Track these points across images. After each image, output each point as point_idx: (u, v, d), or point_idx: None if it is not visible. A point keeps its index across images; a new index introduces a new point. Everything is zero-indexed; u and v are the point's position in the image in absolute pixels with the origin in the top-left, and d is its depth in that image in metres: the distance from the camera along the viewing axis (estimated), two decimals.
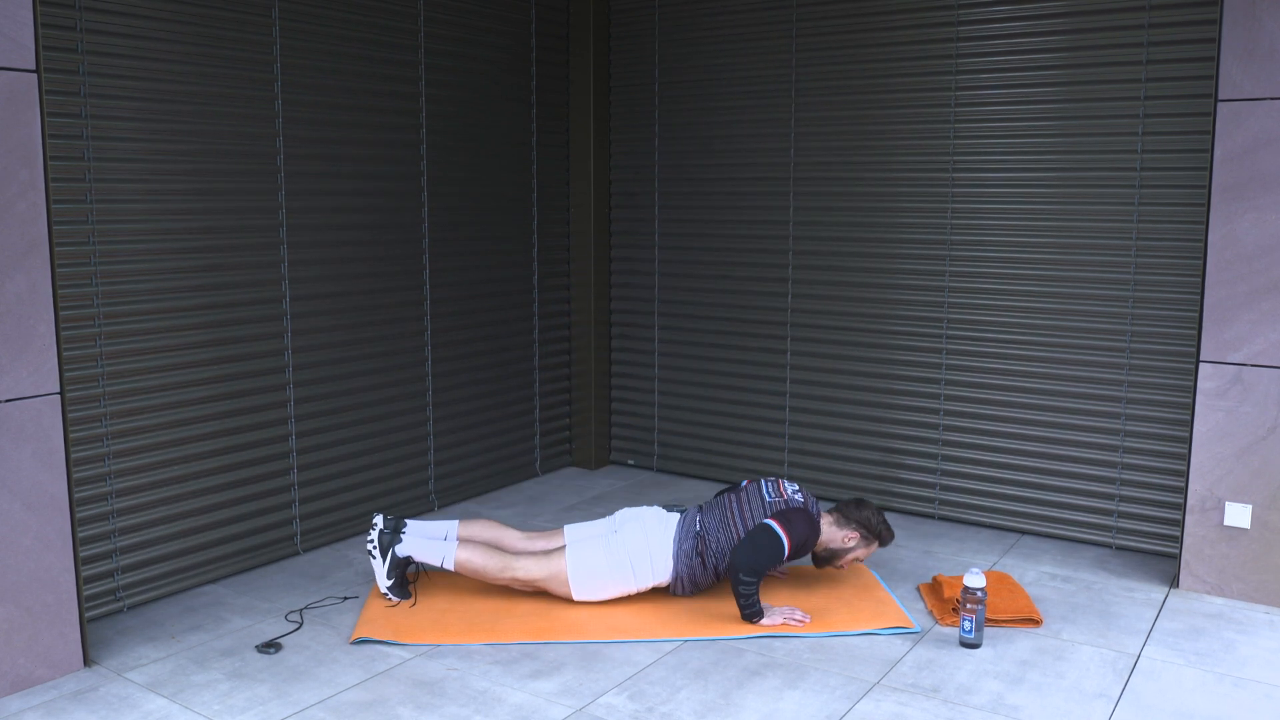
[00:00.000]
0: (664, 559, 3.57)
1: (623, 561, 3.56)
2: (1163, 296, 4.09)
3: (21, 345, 2.96)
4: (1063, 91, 4.20)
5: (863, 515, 3.69)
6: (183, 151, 3.68)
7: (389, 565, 3.56)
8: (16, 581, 3.00)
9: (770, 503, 3.60)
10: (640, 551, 3.57)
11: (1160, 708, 2.98)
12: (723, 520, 3.59)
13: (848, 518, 3.70)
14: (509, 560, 3.58)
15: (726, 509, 3.62)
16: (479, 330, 4.95)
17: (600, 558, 3.56)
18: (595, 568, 3.55)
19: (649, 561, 3.57)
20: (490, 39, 4.86)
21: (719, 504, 3.67)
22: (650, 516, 3.68)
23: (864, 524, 3.69)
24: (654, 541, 3.59)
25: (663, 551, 3.58)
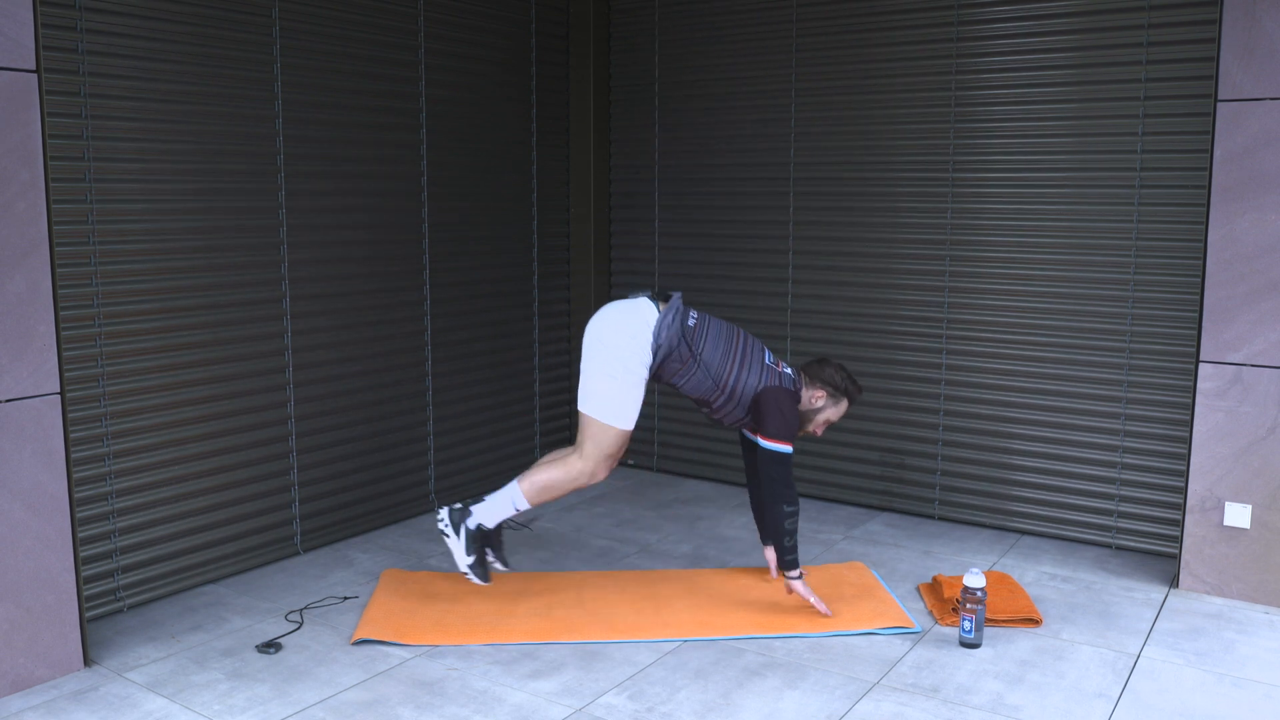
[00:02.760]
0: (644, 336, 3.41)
1: (614, 364, 3.42)
2: (1163, 296, 4.09)
3: (21, 345, 2.96)
4: (1063, 91, 4.20)
5: (826, 374, 3.58)
6: (183, 151, 3.68)
7: (465, 541, 3.49)
8: (16, 581, 3.00)
9: (768, 364, 3.50)
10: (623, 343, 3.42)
11: (1160, 708, 2.98)
12: (724, 348, 3.46)
13: (813, 377, 3.59)
14: (566, 456, 3.51)
15: (731, 340, 3.50)
16: (479, 330, 4.96)
17: (599, 382, 3.45)
18: (609, 395, 3.43)
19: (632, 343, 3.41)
20: (490, 39, 4.86)
21: (722, 327, 3.52)
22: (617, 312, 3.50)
23: (829, 382, 3.58)
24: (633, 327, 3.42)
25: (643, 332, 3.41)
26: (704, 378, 3.47)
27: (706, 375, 3.46)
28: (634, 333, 3.43)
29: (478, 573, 3.53)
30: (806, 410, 3.60)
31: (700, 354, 3.45)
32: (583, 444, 3.50)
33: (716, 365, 3.46)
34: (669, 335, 3.41)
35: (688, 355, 3.44)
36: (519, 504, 3.51)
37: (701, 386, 3.49)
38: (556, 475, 3.49)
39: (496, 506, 3.53)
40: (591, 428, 3.48)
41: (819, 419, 3.63)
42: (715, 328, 3.52)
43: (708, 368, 3.45)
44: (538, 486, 3.50)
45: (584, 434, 3.50)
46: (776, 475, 3.40)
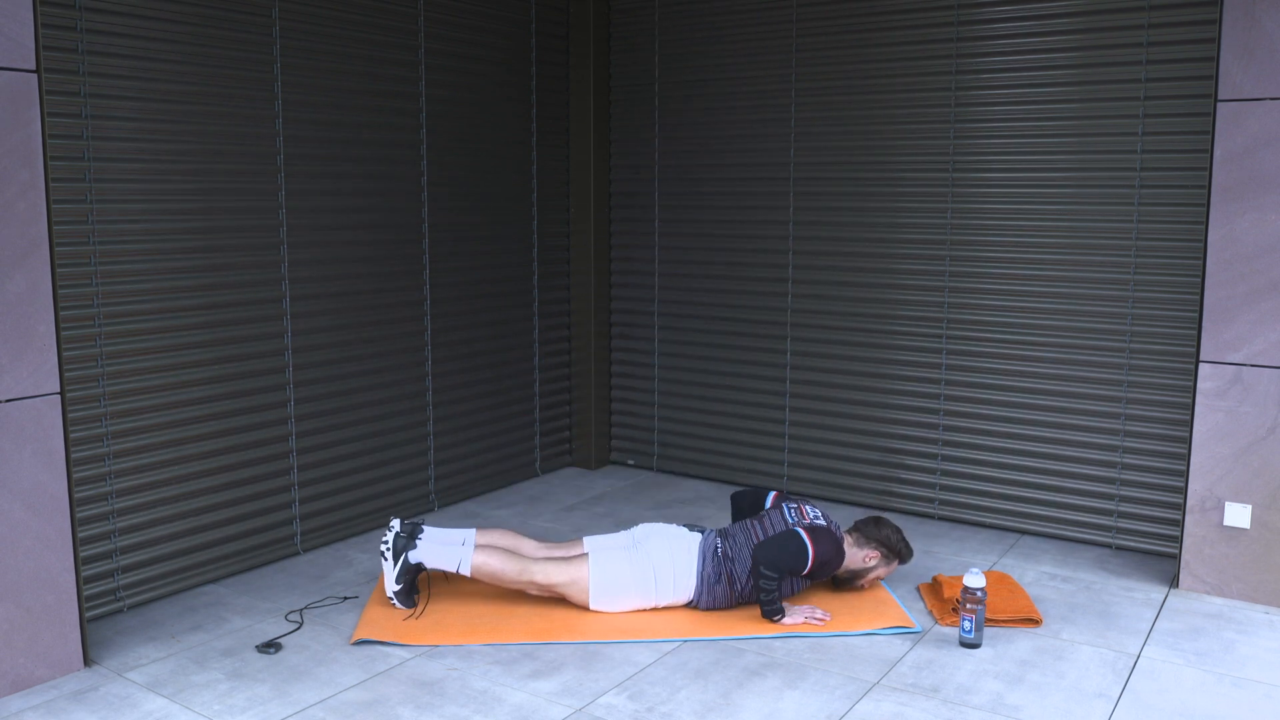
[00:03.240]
0: (687, 577, 3.55)
1: (646, 575, 3.53)
2: (1163, 296, 4.09)
3: (21, 345, 2.96)
4: (1063, 92, 4.20)
5: (882, 534, 3.68)
6: (183, 151, 3.68)
7: (399, 569, 3.51)
8: (16, 581, 3.00)
9: (793, 524, 3.58)
10: (665, 566, 3.55)
11: (1160, 708, 2.98)
12: (747, 544, 3.57)
13: (867, 537, 3.69)
14: (527, 564, 3.54)
15: (750, 533, 3.60)
16: (479, 330, 4.95)
17: (625, 569, 3.54)
18: (619, 578, 3.53)
19: (672, 578, 3.54)
20: (490, 39, 4.86)
21: (742, 529, 3.64)
22: (674, 534, 3.66)
23: (884, 542, 3.68)
24: (679, 559, 3.56)
25: (687, 570, 3.55)
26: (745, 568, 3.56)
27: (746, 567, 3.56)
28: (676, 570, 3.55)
29: (402, 599, 3.55)
30: (859, 568, 3.69)
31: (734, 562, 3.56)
32: (553, 569, 3.53)
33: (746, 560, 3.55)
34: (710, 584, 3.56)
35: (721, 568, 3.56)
36: (462, 570, 3.53)
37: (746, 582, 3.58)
38: (510, 570, 3.53)
39: (441, 557, 3.55)
40: (579, 577, 3.53)
41: (870, 576, 3.72)
42: (734, 539, 3.61)
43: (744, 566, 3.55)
44: (487, 569, 3.52)
45: (568, 567, 3.54)
46: (786, 553, 3.44)
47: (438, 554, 3.54)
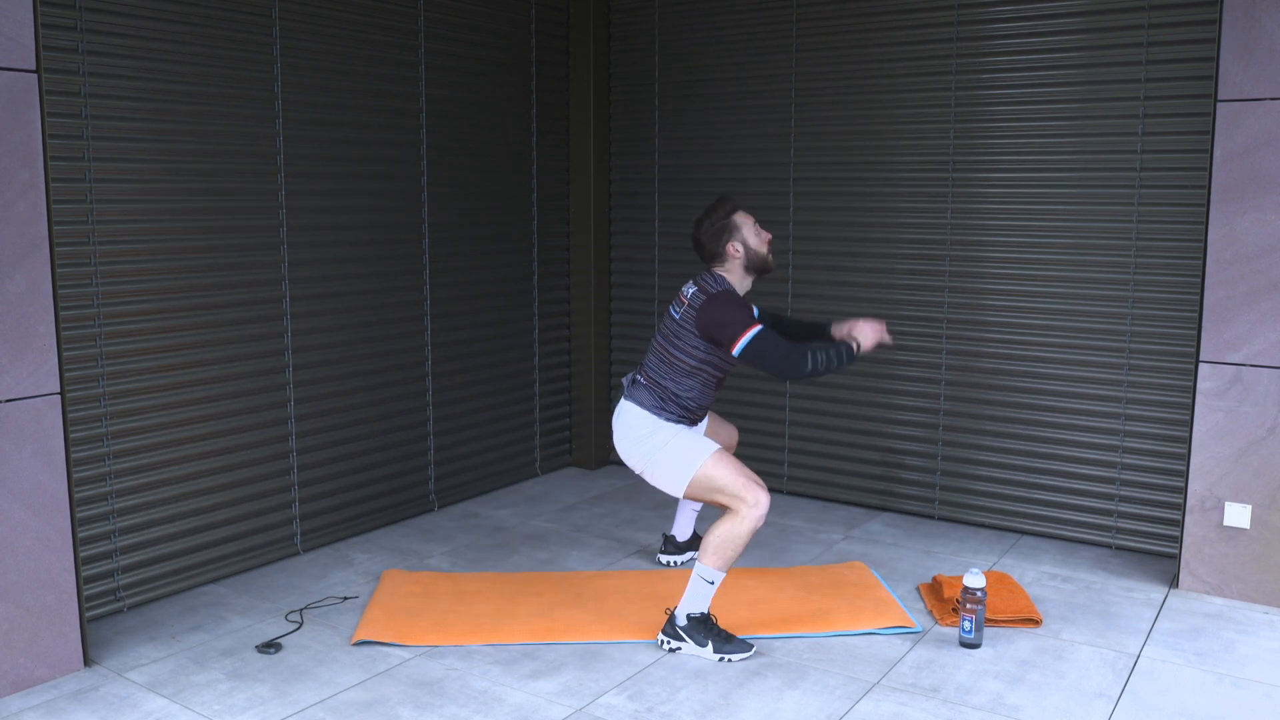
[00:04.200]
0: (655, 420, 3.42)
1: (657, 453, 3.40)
2: (1163, 296, 4.09)
3: (21, 345, 2.96)
4: (1063, 92, 4.20)
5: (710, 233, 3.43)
6: (183, 151, 3.68)
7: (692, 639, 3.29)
8: (16, 581, 3.00)
9: (680, 319, 3.41)
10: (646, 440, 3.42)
11: (1160, 708, 2.98)
12: (660, 357, 3.45)
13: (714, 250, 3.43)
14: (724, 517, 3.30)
15: (658, 346, 3.47)
16: (479, 330, 4.95)
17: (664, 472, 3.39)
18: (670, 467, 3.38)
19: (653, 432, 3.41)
20: (490, 39, 4.86)
21: (652, 346, 3.52)
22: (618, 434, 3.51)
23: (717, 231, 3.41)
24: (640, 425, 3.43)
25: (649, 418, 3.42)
26: (680, 380, 3.43)
27: (679, 378, 3.43)
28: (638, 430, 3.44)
29: (734, 649, 3.27)
30: (744, 254, 3.43)
31: (664, 380, 3.44)
32: (726, 500, 3.31)
33: (668, 368, 3.43)
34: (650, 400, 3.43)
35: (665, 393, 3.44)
36: (709, 577, 3.27)
37: (690, 385, 3.45)
38: (725, 529, 3.25)
39: (696, 595, 3.29)
40: (703, 488, 3.34)
41: (752, 244, 3.43)
42: (649, 355, 3.52)
43: (673, 377, 3.43)
44: (714, 549, 3.25)
45: (715, 497, 3.35)
46: (771, 359, 3.26)
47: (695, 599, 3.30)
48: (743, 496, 3.26)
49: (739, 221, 3.44)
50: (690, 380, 3.44)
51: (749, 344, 3.27)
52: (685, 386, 3.44)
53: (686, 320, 3.40)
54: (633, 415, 3.47)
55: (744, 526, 3.24)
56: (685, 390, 3.45)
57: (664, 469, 3.41)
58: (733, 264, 3.45)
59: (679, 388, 3.44)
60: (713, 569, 3.26)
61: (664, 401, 3.44)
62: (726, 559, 3.26)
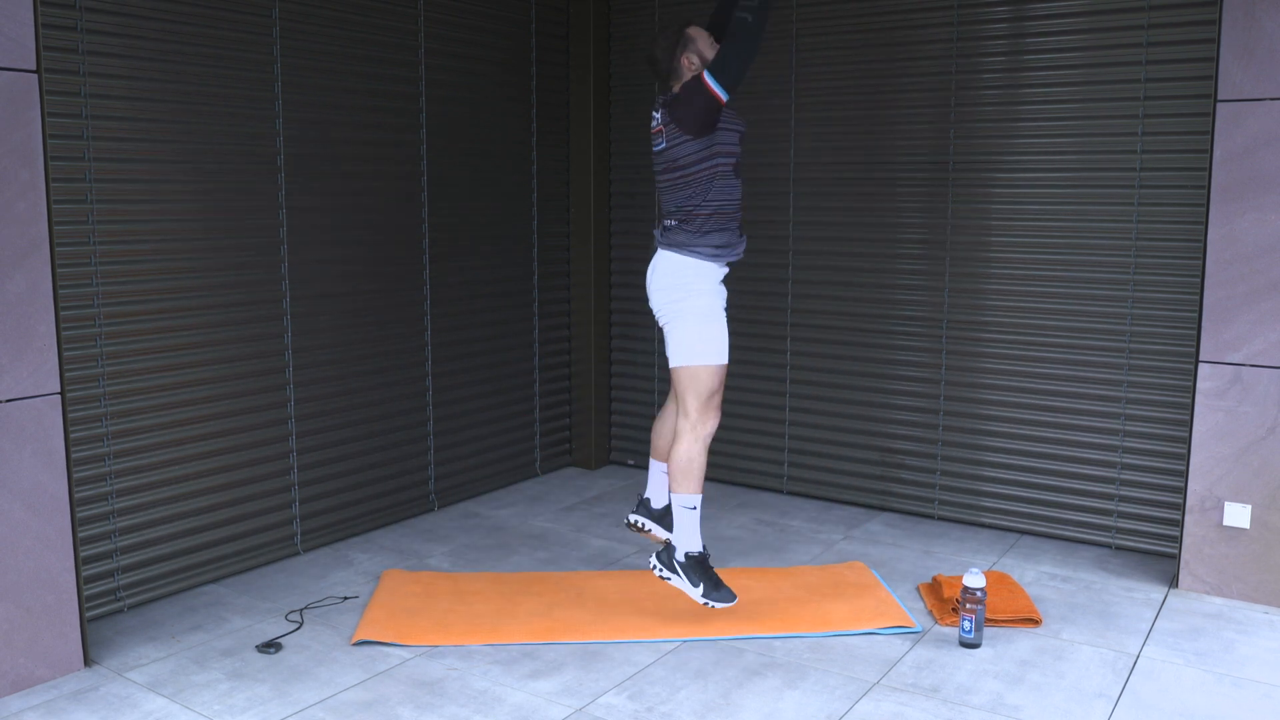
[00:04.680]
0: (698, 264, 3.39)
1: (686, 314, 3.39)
2: (1163, 296, 4.09)
3: (21, 345, 2.96)
4: (1063, 91, 4.20)
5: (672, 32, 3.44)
6: (183, 151, 3.68)
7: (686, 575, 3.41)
8: (16, 581, 3.00)
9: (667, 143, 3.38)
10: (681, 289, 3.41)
11: (1160, 708, 2.98)
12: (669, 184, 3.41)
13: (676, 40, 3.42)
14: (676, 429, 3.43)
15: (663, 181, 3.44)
16: (479, 330, 4.95)
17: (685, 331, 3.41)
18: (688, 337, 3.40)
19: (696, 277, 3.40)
20: (490, 39, 4.86)
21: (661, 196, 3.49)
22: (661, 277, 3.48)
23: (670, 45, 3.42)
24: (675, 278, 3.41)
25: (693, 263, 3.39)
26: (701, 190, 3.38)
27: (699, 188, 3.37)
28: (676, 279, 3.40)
29: (720, 597, 3.40)
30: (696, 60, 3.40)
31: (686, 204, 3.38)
32: (682, 400, 3.41)
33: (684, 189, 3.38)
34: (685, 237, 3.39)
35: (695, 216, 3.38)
36: (689, 504, 3.40)
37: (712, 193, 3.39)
38: (680, 452, 3.38)
39: (683, 527, 3.43)
40: (687, 376, 3.38)
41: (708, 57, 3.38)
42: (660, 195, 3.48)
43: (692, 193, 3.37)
44: (679, 475, 3.38)
45: (683, 391, 3.40)
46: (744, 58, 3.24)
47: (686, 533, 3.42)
48: (696, 416, 3.41)
49: (692, 34, 3.42)
50: (712, 184, 3.37)
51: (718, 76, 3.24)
52: (714, 193, 3.37)
53: (672, 136, 3.36)
54: (670, 263, 3.42)
55: (696, 446, 3.41)
56: (717, 198, 3.37)
57: (684, 333, 3.40)
58: (685, 63, 3.41)
59: (708, 202, 3.36)
60: (687, 494, 3.41)
61: (698, 235, 3.38)
62: (696, 478, 3.41)
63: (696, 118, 3.31)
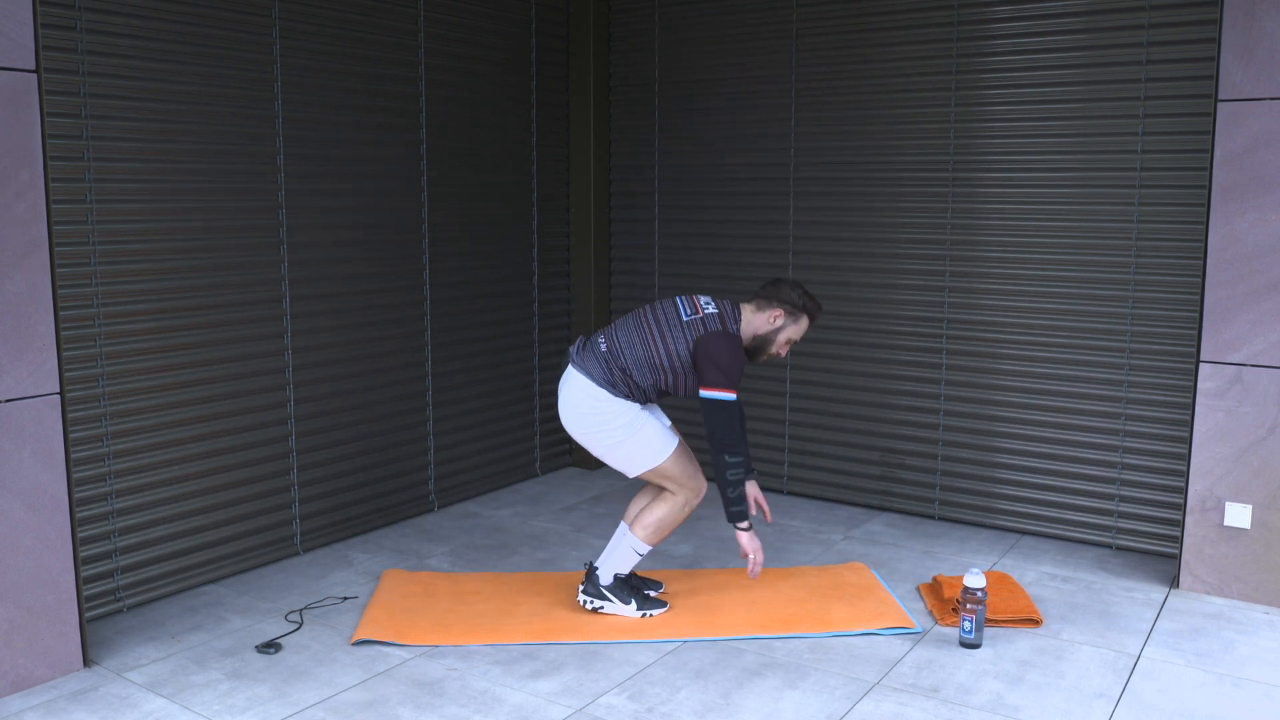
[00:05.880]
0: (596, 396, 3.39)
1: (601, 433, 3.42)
2: (1163, 296, 4.09)
3: (21, 345, 2.96)
4: (1063, 91, 4.20)
5: (783, 293, 3.49)
6: (183, 151, 3.68)
7: (616, 596, 3.53)
8: (16, 581, 3.00)
9: (687, 321, 3.40)
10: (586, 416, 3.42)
11: (1160, 708, 2.98)
12: (640, 338, 3.41)
13: (769, 299, 3.50)
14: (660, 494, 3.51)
15: (643, 327, 3.44)
16: (479, 330, 4.95)
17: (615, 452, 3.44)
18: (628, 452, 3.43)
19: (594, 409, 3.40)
20: (490, 39, 4.86)
21: (633, 322, 3.47)
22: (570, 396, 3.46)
23: (787, 301, 3.48)
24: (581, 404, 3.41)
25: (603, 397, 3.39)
26: (643, 372, 3.41)
27: (643, 369, 3.41)
28: (591, 403, 3.42)
29: (651, 605, 3.56)
30: (769, 331, 3.48)
31: (627, 364, 3.40)
32: (666, 484, 3.50)
33: (641, 354, 3.40)
34: (599, 371, 3.40)
35: (620, 373, 3.41)
36: (641, 551, 3.52)
37: (650, 379, 3.43)
38: (664, 512, 3.50)
39: (618, 559, 3.53)
40: (656, 472, 3.48)
41: (780, 339, 3.50)
42: (623, 327, 3.48)
43: (639, 364, 3.40)
44: (651, 528, 3.49)
45: (659, 480, 3.50)
46: (718, 424, 3.33)
47: (613, 559, 3.53)
48: (688, 486, 3.50)
49: (798, 318, 3.51)
50: (650, 375, 3.42)
51: (715, 400, 3.34)
52: (642, 376, 3.41)
53: (692, 328, 3.40)
54: (584, 389, 3.42)
55: (684, 512, 3.51)
56: (640, 379, 3.42)
57: (627, 453, 3.44)
58: (759, 320, 3.49)
59: (637, 374, 3.41)
60: (646, 544, 3.51)
61: (614, 378, 3.40)
62: (660, 537, 3.52)
63: (699, 357, 3.37)
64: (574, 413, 3.46)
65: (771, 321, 3.48)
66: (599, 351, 3.44)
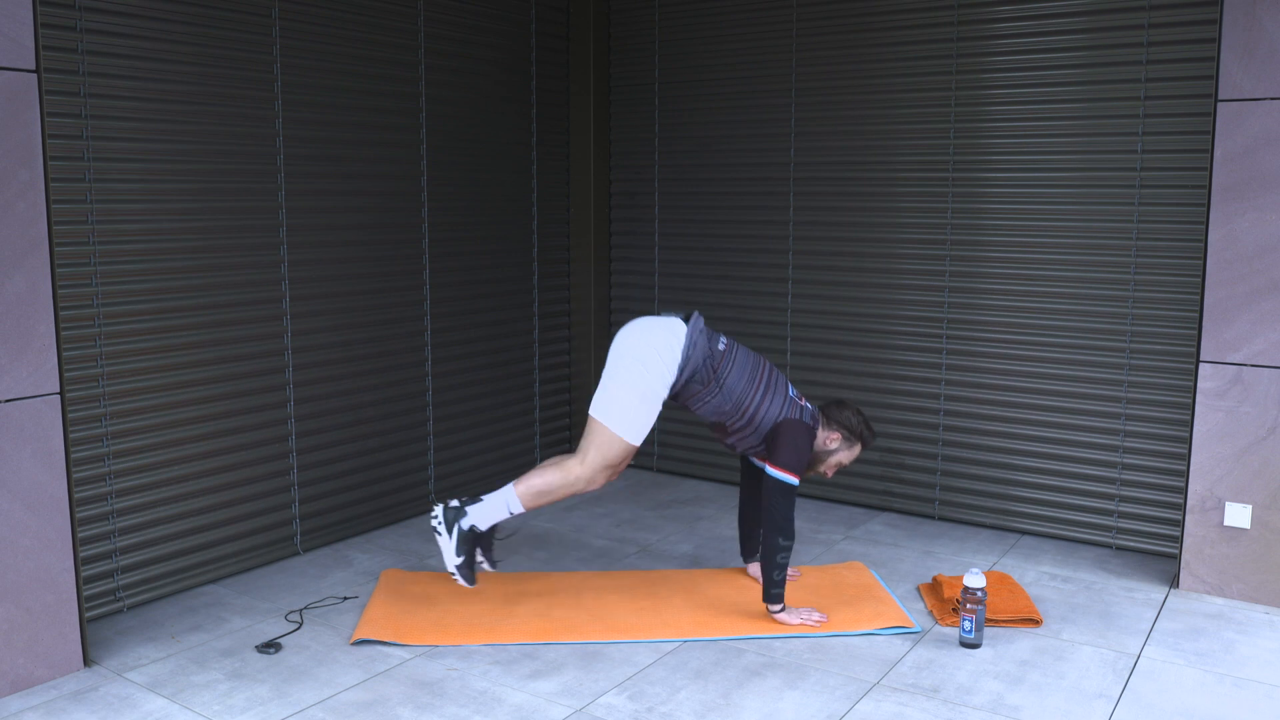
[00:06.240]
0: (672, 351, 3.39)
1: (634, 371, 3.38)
2: (1163, 296, 4.09)
3: (21, 345, 2.96)
4: (1063, 91, 4.20)
5: (843, 416, 3.58)
6: (183, 151, 3.68)
7: (456, 541, 3.42)
8: (16, 581, 3.00)
9: (792, 397, 3.51)
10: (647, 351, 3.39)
11: (1160, 708, 2.98)
12: (749, 375, 3.46)
13: (829, 419, 3.59)
14: (564, 462, 3.43)
15: (758, 368, 3.49)
16: (479, 330, 4.95)
17: (616, 389, 3.40)
18: (619, 399, 3.39)
19: (658, 356, 3.38)
20: (490, 39, 4.86)
21: (752, 358, 3.52)
22: (647, 325, 3.48)
23: (845, 425, 3.57)
24: (658, 341, 3.40)
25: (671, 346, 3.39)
26: (723, 401, 3.45)
27: (727, 399, 3.45)
28: (662, 347, 3.40)
29: (464, 574, 3.46)
30: (820, 451, 3.59)
31: (724, 379, 3.43)
32: (586, 450, 3.42)
33: (740, 391, 3.45)
34: (697, 354, 3.41)
35: (710, 378, 3.43)
36: (513, 507, 3.44)
37: (721, 410, 3.47)
38: (553, 480, 3.42)
39: (491, 509, 3.46)
40: (599, 435, 3.41)
41: (831, 460, 3.61)
42: (742, 355, 3.52)
43: (729, 393, 3.44)
44: (533, 491, 3.43)
45: (589, 440, 3.43)
46: (779, 506, 3.37)
47: (487, 512, 3.45)
48: (597, 469, 3.40)
49: (852, 445, 3.61)
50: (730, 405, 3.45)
51: (784, 482, 3.37)
52: (723, 399, 3.44)
53: (791, 407, 3.49)
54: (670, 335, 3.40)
55: (569, 490, 3.43)
56: (720, 399, 3.44)
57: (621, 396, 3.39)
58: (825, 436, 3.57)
59: (720, 396, 3.44)
60: (521, 505, 3.43)
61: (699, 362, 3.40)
62: (536, 504, 3.45)
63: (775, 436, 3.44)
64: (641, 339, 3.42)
65: (826, 443, 3.58)
66: (715, 345, 3.45)
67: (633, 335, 3.47)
